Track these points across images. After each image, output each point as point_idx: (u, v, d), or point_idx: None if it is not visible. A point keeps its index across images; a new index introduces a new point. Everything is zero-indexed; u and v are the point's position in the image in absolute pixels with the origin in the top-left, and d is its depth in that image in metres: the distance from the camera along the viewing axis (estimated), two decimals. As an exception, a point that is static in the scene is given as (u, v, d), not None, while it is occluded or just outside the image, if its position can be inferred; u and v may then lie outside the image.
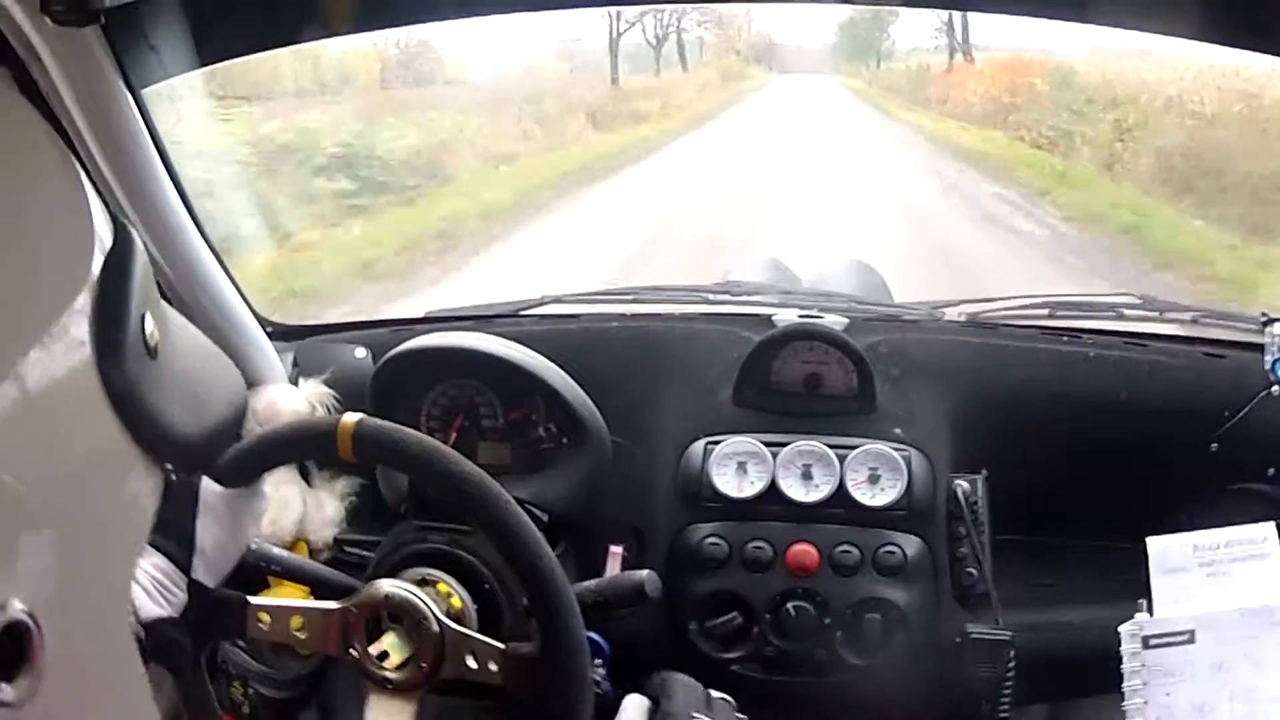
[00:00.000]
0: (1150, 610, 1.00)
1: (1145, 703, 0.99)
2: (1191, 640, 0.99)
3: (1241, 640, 0.98)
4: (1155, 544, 1.01)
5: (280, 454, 1.16)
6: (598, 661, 1.09)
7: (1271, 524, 1.02)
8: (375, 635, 1.15)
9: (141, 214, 1.48)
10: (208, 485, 1.11)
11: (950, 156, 12.03)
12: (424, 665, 1.13)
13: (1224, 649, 0.99)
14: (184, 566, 1.10)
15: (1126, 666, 1.00)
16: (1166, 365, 1.76)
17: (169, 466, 0.58)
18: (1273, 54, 1.49)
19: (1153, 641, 1.00)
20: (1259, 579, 1.00)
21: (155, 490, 0.58)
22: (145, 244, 1.47)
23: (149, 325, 0.54)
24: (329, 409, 1.69)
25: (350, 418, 1.10)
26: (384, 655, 1.14)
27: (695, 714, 1.12)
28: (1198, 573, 1.02)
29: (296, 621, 1.16)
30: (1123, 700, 1.00)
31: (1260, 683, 0.97)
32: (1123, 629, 1.00)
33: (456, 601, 1.20)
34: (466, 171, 9.86)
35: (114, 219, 0.54)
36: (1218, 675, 0.98)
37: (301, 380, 1.74)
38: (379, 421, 1.12)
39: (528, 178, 10.03)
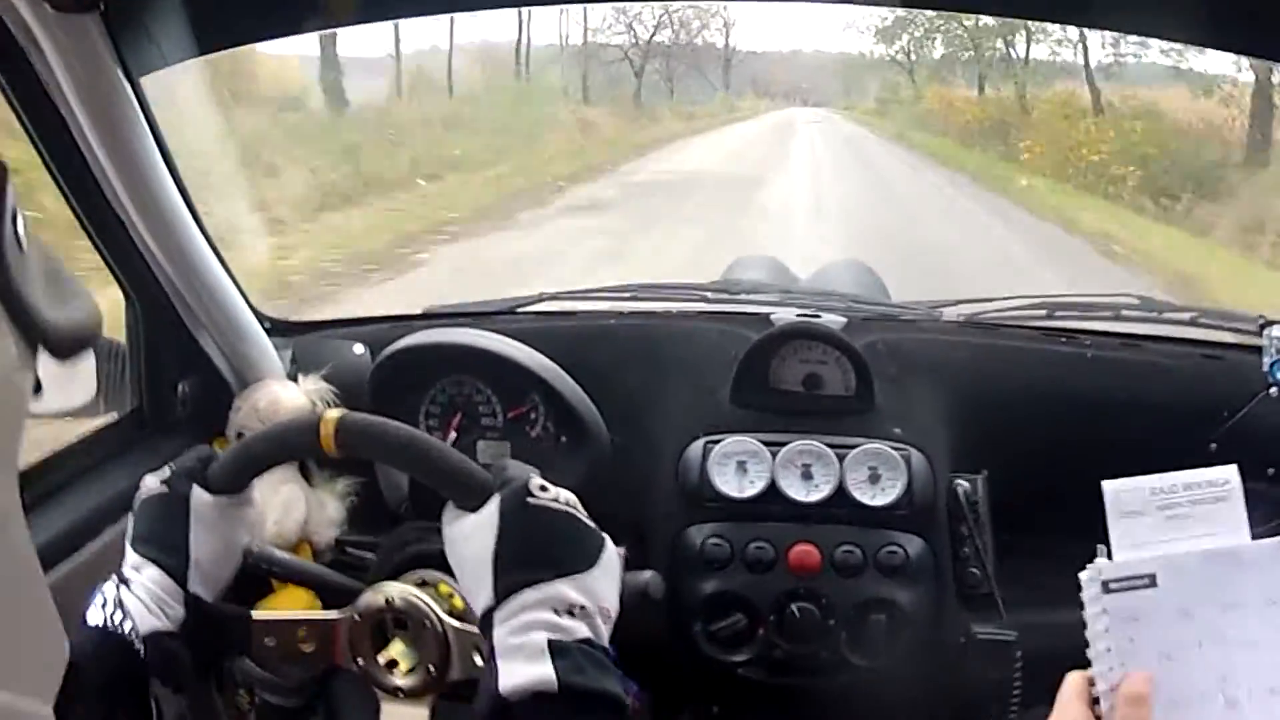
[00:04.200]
0: (1109, 555, 0.94)
1: (1109, 649, 0.92)
2: (1154, 584, 0.93)
3: (1207, 583, 0.93)
4: (1110, 487, 0.94)
5: (266, 457, 1.14)
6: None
7: (1234, 466, 0.94)
8: (381, 642, 1.13)
9: (138, 205, 1.45)
10: (199, 495, 1.10)
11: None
12: (432, 668, 1.11)
13: (1189, 592, 0.93)
14: (180, 579, 1.08)
15: (1088, 612, 0.94)
16: (1165, 366, 1.76)
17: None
18: (1270, 58, 1.50)
19: (1113, 585, 0.93)
20: (1221, 521, 0.93)
21: (29, 371, 0.62)
22: (144, 237, 1.47)
23: (20, 223, 0.61)
24: (329, 405, 1.68)
25: (332, 413, 1.08)
26: (393, 664, 1.12)
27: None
28: (1156, 516, 0.94)
29: (301, 634, 1.15)
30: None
31: (1230, 626, 0.92)
32: (1082, 575, 0.94)
33: (459, 601, 1.18)
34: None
35: None
36: (1184, 620, 0.93)
37: (300, 376, 1.72)
38: (361, 415, 1.10)
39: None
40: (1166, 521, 0.94)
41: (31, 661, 0.63)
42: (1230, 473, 0.95)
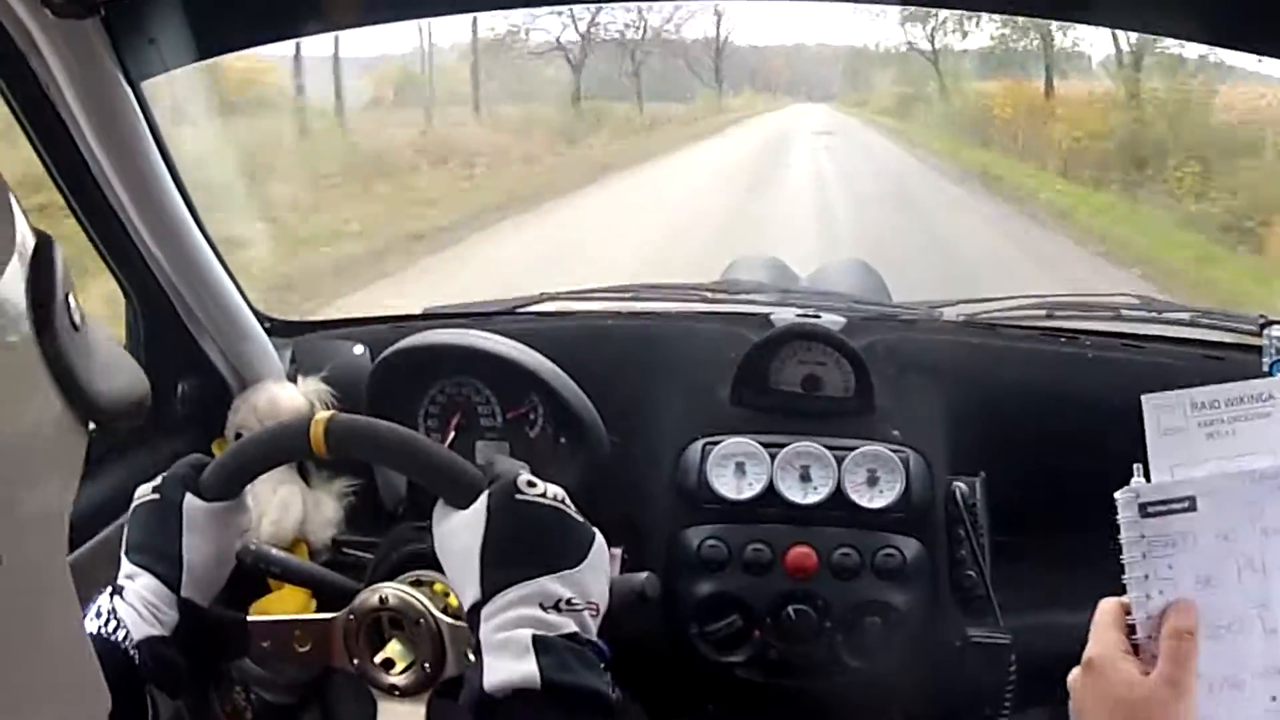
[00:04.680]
0: (1146, 475, 0.91)
1: (1146, 576, 0.90)
2: (1193, 507, 0.90)
3: (1247, 507, 0.90)
4: (1150, 401, 0.91)
5: (258, 462, 1.15)
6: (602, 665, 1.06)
7: (1279, 378, 0.94)
8: (378, 642, 1.14)
9: (140, 208, 1.47)
10: (191, 502, 1.11)
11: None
12: (428, 666, 1.12)
13: (1229, 516, 0.90)
14: (173, 585, 1.09)
15: (1125, 536, 0.91)
16: (1165, 366, 1.75)
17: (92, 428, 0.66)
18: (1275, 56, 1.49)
19: (1151, 509, 0.90)
20: (1264, 438, 0.91)
21: (81, 444, 0.64)
22: (144, 239, 1.49)
23: (73, 303, 0.63)
24: (328, 405, 1.69)
25: (322, 414, 1.09)
26: (389, 663, 1.13)
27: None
28: (1197, 433, 0.91)
29: (298, 635, 1.16)
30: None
31: (1269, 552, 0.90)
32: (1118, 495, 0.91)
33: (454, 600, 1.18)
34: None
35: (34, 230, 0.62)
36: (1223, 544, 0.90)
37: (300, 377, 1.73)
38: (351, 416, 1.11)
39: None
40: (1207, 440, 0.92)
41: (76, 710, 0.64)
42: (1275, 385, 0.92)
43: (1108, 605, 0.95)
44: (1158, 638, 0.91)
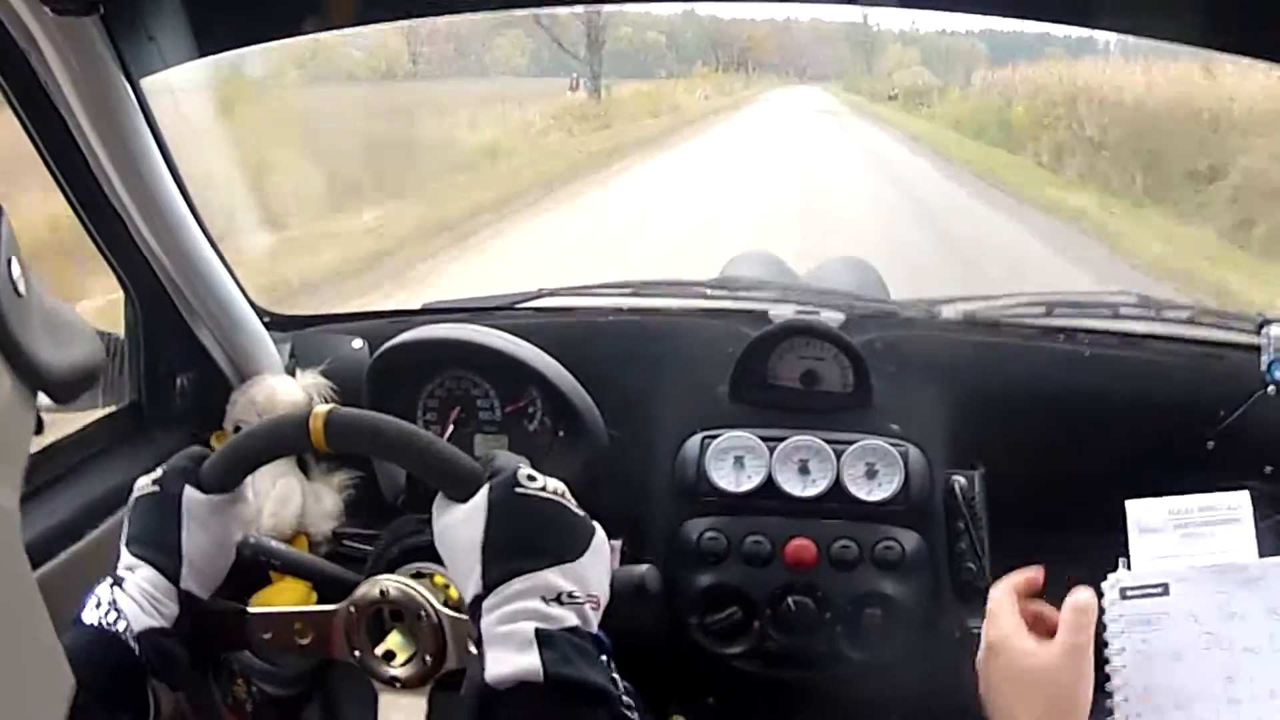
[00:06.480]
0: (1129, 567, 1.07)
1: (1124, 649, 1.04)
2: (1166, 592, 1.05)
3: (1215, 593, 1.04)
4: (1134, 506, 1.09)
5: (257, 455, 1.14)
6: (604, 659, 1.06)
7: (1245, 492, 1.07)
8: (378, 634, 1.14)
9: (139, 204, 1.48)
10: (191, 494, 1.10)
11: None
12: (429, 658, 1.12)
13: (1197, 601, 1.04)
14: (173, 577, 1.09)
15: (1107, 616, 1.06)
16: (1163, 364, 1.76)
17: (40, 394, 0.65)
18: (1269, 59, 1.49)
19: (1130, 593, 1.06)
20: (1231, 541, 1.06)
21: (29, 414, 0.63)
22: (143, 233, 1.49)
23: (15, 268, 0.62)
24: (327, 399, 1.69)
25: (321, 408, 1.08)
26: (390, 655, 1.13)
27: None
28: (1173, 533, 1.07)
29: (298, 627, 1.16)
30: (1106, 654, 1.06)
31: (1234, 633, 1.03)
32: (1104, 583, 1.07)
33: (454, 592, 1.18)
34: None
35: None
36: (1192, 625, 1.04)
37: (299, 371, 1.74)
38: (350, 410, 1.10)
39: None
40: (1182, 539, 1.06)
41: (37, 695, 0.64)
42: (1242, 498, 1.07)
43: (1000, 593, 1.13)
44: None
